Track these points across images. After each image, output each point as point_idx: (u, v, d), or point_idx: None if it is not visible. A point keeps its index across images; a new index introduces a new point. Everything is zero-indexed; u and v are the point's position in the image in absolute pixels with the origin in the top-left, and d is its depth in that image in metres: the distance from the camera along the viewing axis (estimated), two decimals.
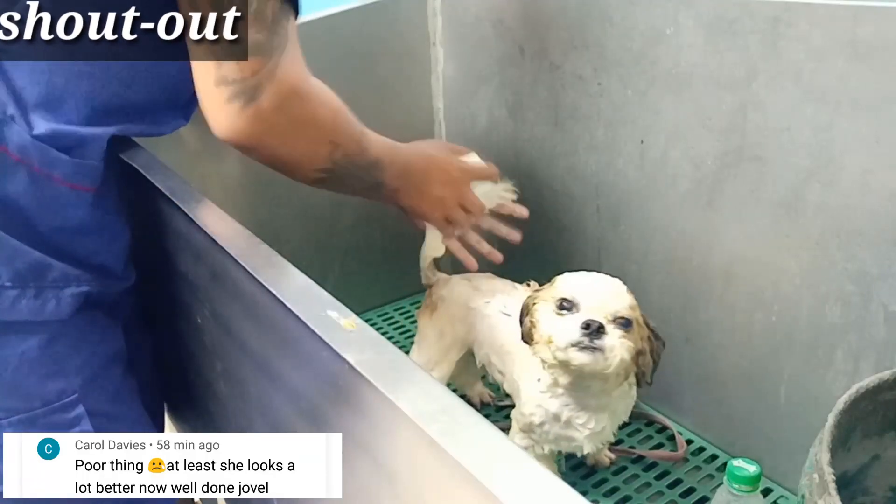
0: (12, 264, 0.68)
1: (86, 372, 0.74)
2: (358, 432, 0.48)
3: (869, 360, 0.79)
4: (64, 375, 0.72)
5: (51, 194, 0.70)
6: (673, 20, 0.87)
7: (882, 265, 0.76)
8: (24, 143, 0.68)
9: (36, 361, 0.71)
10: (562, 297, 0.77)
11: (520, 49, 1.09)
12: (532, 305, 0.81)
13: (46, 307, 0.70)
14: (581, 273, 0.81)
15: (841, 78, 0.74)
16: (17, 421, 0.70)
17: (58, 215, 0.71)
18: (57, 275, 0.71)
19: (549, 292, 0.80)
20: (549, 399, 0.82)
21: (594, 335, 0.74)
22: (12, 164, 0.68)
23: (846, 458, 0.71)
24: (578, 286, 0.78)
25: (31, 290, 0.69)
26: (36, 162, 0.68)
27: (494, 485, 0.34)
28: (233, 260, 0.58)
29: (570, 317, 0.76)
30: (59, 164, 0.70)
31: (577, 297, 0.77)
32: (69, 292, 0.72)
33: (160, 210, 0.75)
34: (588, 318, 0.75)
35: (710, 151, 0.88)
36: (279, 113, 0.70)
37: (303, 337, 0.49)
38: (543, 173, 1.12)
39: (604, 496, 0.92)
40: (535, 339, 0.79)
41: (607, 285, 0.79)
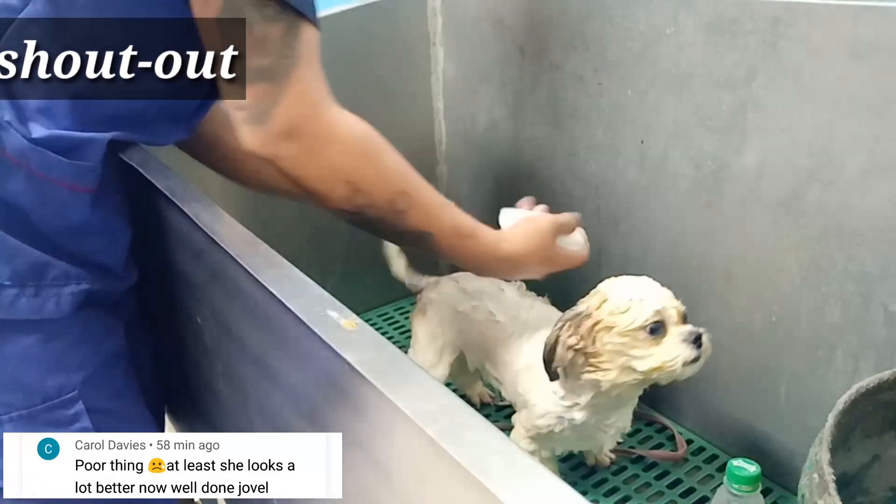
0: (12, 263, 0.68)
1: (86, 369, 0.74)
2: (358, 432, 0.48)
3: (869, 360, 0.79)
4: (65, 372, 0.73)
5: (50, 195, 0.70)
6: (673, 20, 0.87)
7: (882, 265, 0.76)
8: (22, 147, 0.68)
9: (36, 358, 0.71)
10: (651, 320, 0.74)
11: (520, 49, 1.09)
12: (595, 336, 0.76)
13: (46, 306, 0.71)
14: (621, 283, 0.78)
15: (841, 78, 0.74)
16: (17, 417, 0.71)
17: (58, 216, 0.71)
18: (57, 273, 0.71)
19: (623, 320, 0.75)
20: (574, 411, 0.81)
21: (699, 342, 0.75)
22: (11, 166, 0.68)
23: (846, 458, 0.71)
24: (652, 300, 0.75)
25: (30, 288, 0.70)
26: (34, 165, 0.69)
27: (494, 485, 0.34)
28: (233, 260, 0.58)
29: (670, 337, 0.75)
30: (58, 166, 0.70)
31: (662, 313, 0.75)
32: (69, 291, 0.72)
33: (160, 210, 0.75)
34: (690, 330, 0.75)
35: (710, 151, 0.88)
36: (290, 138, 0.69)
37: (303, 337, 0.49)
38: (543, 173, 1.12)
39: (604, 496, 0.92)
40: (599, 367, 0.76)
41: (654, 286, 0.78)
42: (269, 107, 0.68)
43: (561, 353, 0.77)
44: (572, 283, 1.09)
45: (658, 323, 0.75)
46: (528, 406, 0.85)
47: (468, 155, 1.27)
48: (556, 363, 0.78)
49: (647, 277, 0.80)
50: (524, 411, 0.86)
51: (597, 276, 0.88)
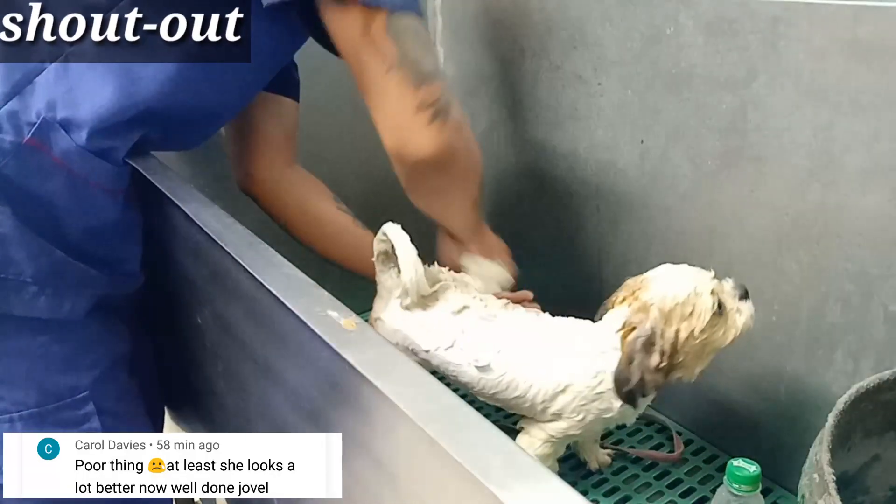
0: (36, 262, 0.70)
1: (97, 370, 0.75)
2: (358, 432, 0.48)
3: (869, 360, 0.79)
4: (77, 372, 0.74)
5: (84, 196, 0.72)
6: (673, 20, 0.87)
7: (882, 265, 0.76)
8: (69, 149, 0.69)
9: (51, 357, 0.73)
10: (715, 305, 0.76)
11: (520, 49, 1.09)
12: (680, 348, 0.77)
13: (63, 306, 0.72)
14: (665, 287, 0.78)
15: (841, 78, 0.74)
16: (28, 416, 0.72)
17: (89, 216, 0.73)
18: (76, 276, 0.72)
19: (695, 322, 0.76)
20: (624, 409, 0.80)
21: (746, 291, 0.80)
22: (53, 166, 0.70)
23: (846, 458, 0.71)
24: (702, 287, 0.77)
25: (50, 288, 0.71)
26: (76, 167, 0.70)
27: (494, 485, 0.34)
28: (233, 260, 0.58)
29: (729, 303, 0.78)
30: (97, 169, 0.72)
31: (716, 291, 0.77)
32: (85, 294, 0.73)
33: (160, 210, 0.75)
34: (734, 287, 0.79)
35: (710, 151, 0.88)
36: (459, 133, 0.79)
37: (303, 337, 0.49)
38: (543, 173, 1.12)
39: (604, 496, 0.92)
40: (687, 368, 0.78)
41: (686, 270, 0.80)
42: (449, 100, 0.76)
43: (649, 379, 0.76)
44: (573, 283, 1.09)
45: (719, 303, 0.77)
46: (561, 418, 0.83)
47: None
48: (643, 390, 0.77)
49: (669, 265, 0.80)
50: (555, 423, 0.83)
51: (597, 275, 0.88)
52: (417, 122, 0.74)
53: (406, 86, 0.73)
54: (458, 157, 0.80)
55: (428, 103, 0.74)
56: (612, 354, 0.78)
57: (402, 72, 0.73)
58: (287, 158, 0.97)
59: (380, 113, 0.76)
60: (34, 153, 0.69)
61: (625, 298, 0.80)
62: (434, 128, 0.75)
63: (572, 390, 0.80)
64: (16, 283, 0.69)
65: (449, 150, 0.77)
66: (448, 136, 0.76)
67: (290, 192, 0.97)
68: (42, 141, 0.69)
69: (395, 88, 0.73)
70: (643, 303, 0.77)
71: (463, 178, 0.86)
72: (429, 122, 0.74)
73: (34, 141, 0.68)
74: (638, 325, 0.76)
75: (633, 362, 0.75)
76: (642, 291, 0.78)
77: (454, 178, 0.84)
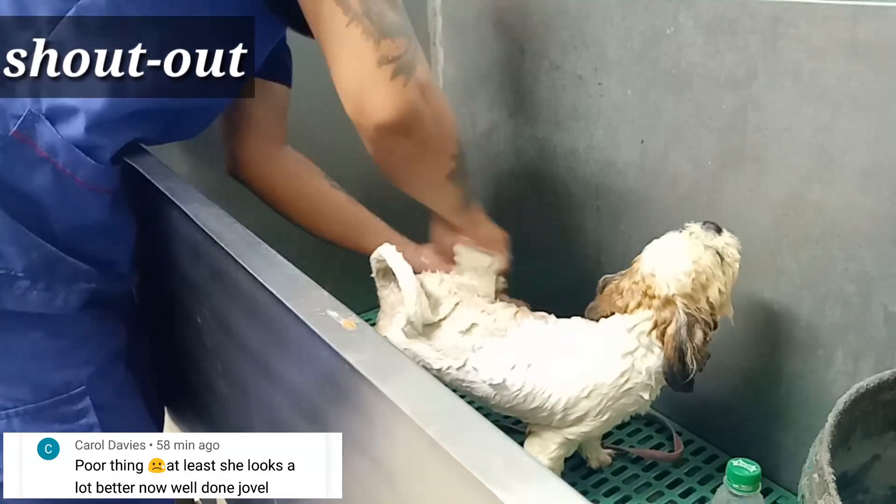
0: (27, 256, 0.69)
1: (93, 365, 0.75)
2: (358, 432, 0.48)
3: (869, 360, 0.79)
4: (72, 367, 0.74)
5: (71, 194, 0.71)
6: (673, 20, 0.87)
7: (882, 265, 0.76)
8: (53, 142, 0.69)
9: (45, 353, 0.73)
10: (709, 223, 0.81)
11: (520, 49, 1.09)
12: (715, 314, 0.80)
13: (56, 301, 0.71)
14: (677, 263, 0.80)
15: (841, 78, 0.74)
16: (24, 412, 0.71)
17: (76, 214, 0.72)
18: (67, 270, 0.72)
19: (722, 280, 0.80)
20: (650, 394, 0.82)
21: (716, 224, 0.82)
22: (39, 160, 0.69)
23: (846, 458, 0.71)
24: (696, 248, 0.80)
25: (41, 282, 0.70)
26: (62, 162, 0.69)
27: (494, 484, 0.34)
28: (233, 260, 0.58)
29: (718, 238, 0.81)
30: (83, 166, 0.71)
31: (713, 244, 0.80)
32: (77, 288, 0.73)
33: (160, 210, 0.75)
34: (705, 225, 0.81)
35: (710, 151, 0.88)
36: (429, 90, 0.73)
37: (303, 337, 0.49)
38: (543, 173, 1.11)
39: (604, 496, 0.92)
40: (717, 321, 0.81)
41: (674, 239, 0.82)
42: (413, 58, 0.70)
43: (702, 355, 0.77)
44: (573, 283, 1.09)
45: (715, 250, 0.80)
46: (583, 422, 0.82)
47: (468, 155, 1.27)
48: (691, 379, 0.78)
49: (647, 248, 0.82)
50: (575, 427, 0.83)
51: (597, 275, 0.88)
52: (377, 77, 0.69)
53: (366, 38, 0.68)
54: (423, 121, 0.73)
55: (389, 58, 0.69)
56: (641, 352, 0.79)
57: (363, 24, 0.68)
58: (277, 140, 0.95)
59: (338, 70, 0.71)
60: (20, 146, 0.68)
61: (640, 303, 0.80)
62: (395, 85, 0.69)
63: (597, 394, 0.80)
64: (7, 277, 0.68)
65: (412, 112, 0.71)
66: (411, 95, 0.70)
67: (280, 171, 0.95)
68: (27, 134, 0.68)
69: (354, 41, 0.68)
70: (664, 298, 0.78)
71: (434, 147, 0.79)
72: (389, 79, 0.69)
73: (20, 134, 0.68)
74: (670, 319, 0.77)
75: (687, 354, 0.76)
76: (653, 289, 0.79)
77: (423, 147, 0.77)
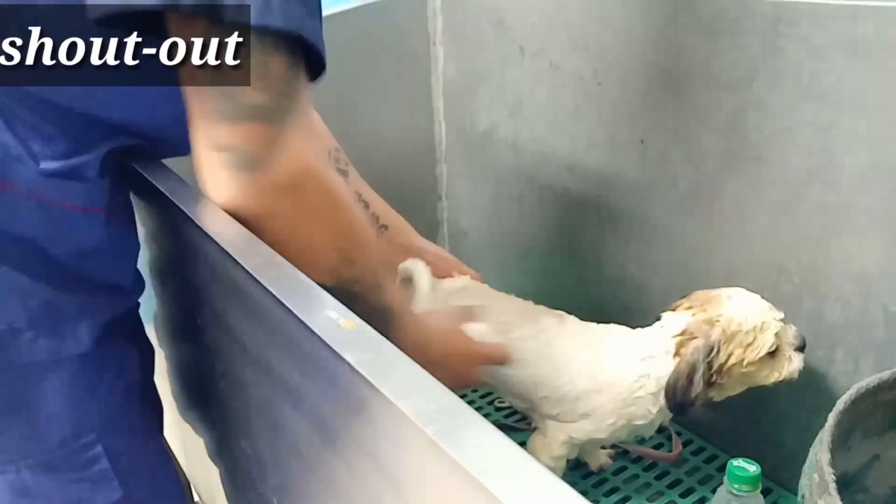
0: (27, 304, 0.66)
1: (105, 409, 0.72)
2: (357, 432, 0.48)
3: (869, 360, 0.79)
4: (84, 415, 0.70)
5: (63, 220, 0.67)
6: (673, 20, 0.87)
7: (882, 265, 0.76)
8: (32, 178, 0.65)
9: (55, 404, 0.69)
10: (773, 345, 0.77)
11: (520, 49, 1.09)
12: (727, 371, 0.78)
13: (65, 343, 0.68)
14: (737, 309, 0.78)
15: (841, 78, 0.74)
16: (34, 464, 0.69)
17: (72, 240, 0.68)
18: (71, 309, 0.69)
19: (750, 353, 0.77)
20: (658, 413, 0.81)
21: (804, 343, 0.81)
22: (22, 201, 0.65)
23: (846, 458, 0.71)
24: (769, 324, 0.78)
25: (46, 328, 0.67)
26: (45, 194, 0.66)
27: (494, 485, 0.34)
28: (233, 260, 0.58)
29: (783, 348, 0.80)
30: (70, 191, 0.67)
31: (779, 335, 0.78)
32: (85, 324, 0.70)
33: (160, 210, 0.75)
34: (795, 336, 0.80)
35: (710, 151, 0.88)
36: (285, 196, 0.60)
37: (303, 337, 0.49)
38: (543, 173, 1.11)
39: (604, 496, 0.92)
40: (722, 388, 0.79)
41: (762, 305, 0.80)
42: (267, 153, 0.57)
43: (697, 390, 0.77)
44: (573, 284, 1.09)
45: (778, 346, 0.78)
46: (589, 419, 0.83)
47: (468, 155, 1.27)
48: (689, 400, 0.77)
49: (744, 290, 0.80)
50: (579, 424, 0.83)
51: (597, 276, 0.88)
52: (207, 161, 0.58)
53: (209, 109, 0.56)
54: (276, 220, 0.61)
55: (223, 145, 0.56)
56: (662, 358, 0.79)
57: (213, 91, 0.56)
58: None
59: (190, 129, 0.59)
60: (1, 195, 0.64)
61: (690, 307, 0.80)
62: (229, 178, 0.58)
63: (610, 391, 0.80)
64: (11, 332, 0.65)
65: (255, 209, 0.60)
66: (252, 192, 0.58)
67: None
68: (5, 179, 0.64)
69: (198, 106, 0.57)
70: (710, 317, 0.78)
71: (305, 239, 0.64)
72: (221, 168, 0.58)
73: None
74: (699, 334, 0.77)
75: (697, 373, 0.76)
76: (712, 306, 0.79)
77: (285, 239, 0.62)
